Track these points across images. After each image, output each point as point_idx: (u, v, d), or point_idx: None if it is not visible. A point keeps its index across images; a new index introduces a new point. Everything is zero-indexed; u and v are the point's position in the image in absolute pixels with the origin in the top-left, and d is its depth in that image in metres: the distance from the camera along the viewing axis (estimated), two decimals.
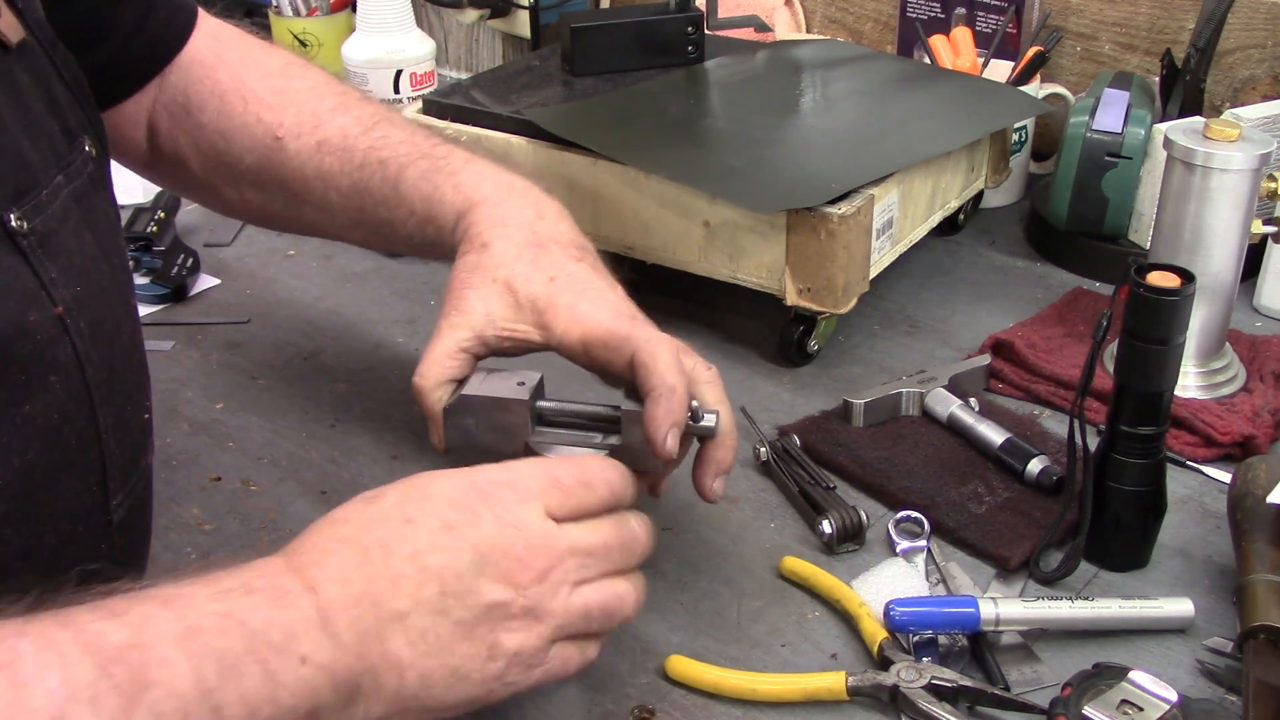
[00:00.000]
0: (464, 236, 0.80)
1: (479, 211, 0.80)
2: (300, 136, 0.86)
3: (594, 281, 0.78)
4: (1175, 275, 0.75)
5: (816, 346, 1.01)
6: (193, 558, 0.81)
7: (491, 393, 0.75)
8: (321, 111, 0.87)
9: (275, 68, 0.89)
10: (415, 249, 0.87)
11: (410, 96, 1.27)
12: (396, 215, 0.84)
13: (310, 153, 0.86)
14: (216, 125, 0.87)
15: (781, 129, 1.08)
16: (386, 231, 0.86)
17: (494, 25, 1.59)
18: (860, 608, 0.74)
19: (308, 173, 0.86)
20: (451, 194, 0.82)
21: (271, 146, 0.86)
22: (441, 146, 0.86)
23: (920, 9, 1.37)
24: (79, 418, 0.63)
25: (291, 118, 0.87)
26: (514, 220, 0.80)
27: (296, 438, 0.93)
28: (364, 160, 0.85)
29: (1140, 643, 0.74)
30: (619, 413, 0.74)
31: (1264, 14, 1.20)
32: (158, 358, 1.03)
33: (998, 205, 1.30)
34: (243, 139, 0.87)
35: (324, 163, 0.86)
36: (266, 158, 0.87)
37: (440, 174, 0.83)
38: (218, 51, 0.88)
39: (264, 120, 0.86)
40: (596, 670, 0.72)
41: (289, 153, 0.86)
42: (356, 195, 0.85)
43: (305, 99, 0.88)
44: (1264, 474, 0.78)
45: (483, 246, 0.78)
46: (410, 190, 0.83)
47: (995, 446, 0.88)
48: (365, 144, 0.86)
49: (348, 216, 0.87)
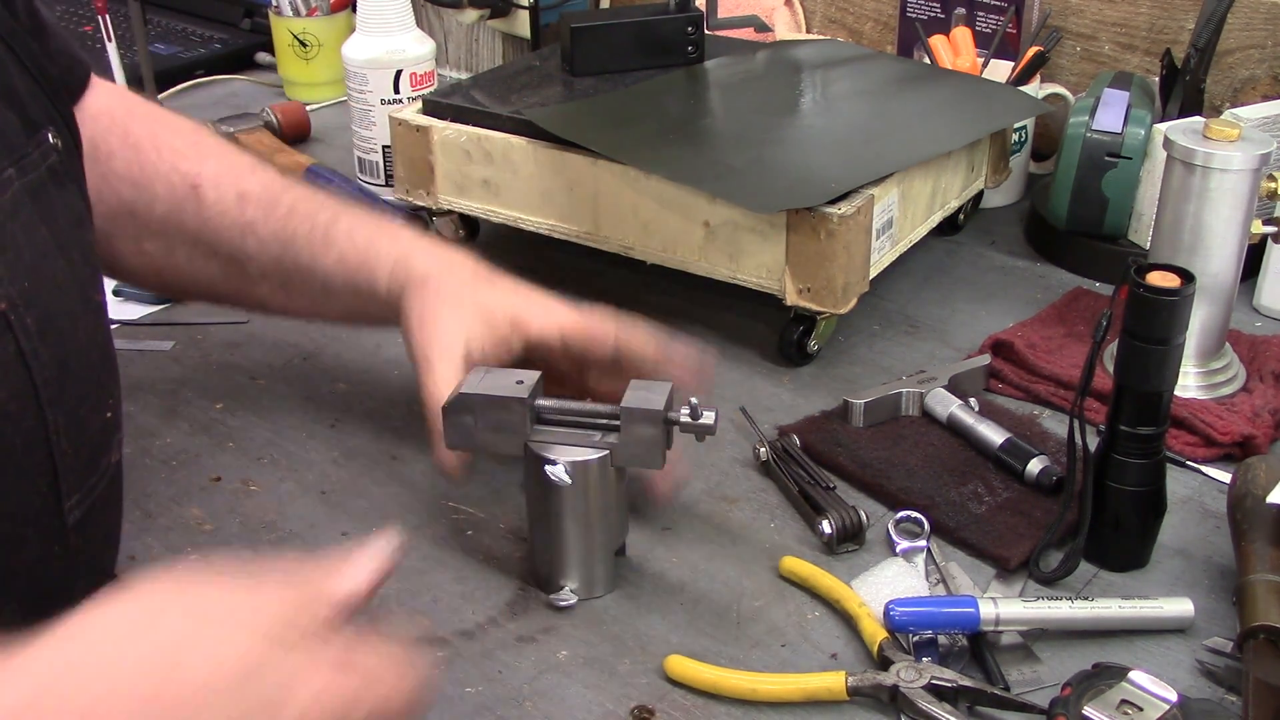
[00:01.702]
0: (407, 283, 0.82)
1: (417, 257, 0.83)
2: (220, 186, 0.86)
3: (553, 297, 0.83)
4: (1175, 275, 0.75)
5: (816, 346, 1.01)
6: (192, 558, 0.81)
7: (490, 391, 0.75)
8: (241, 166, 0.88)
9: (187, 126, 0.90)
10: (329, 300, 0.87)
11: (410, 96, 1.27)
12: (323, 262, 0.85)
13: (230, 202, 0.86)
14: (127, 174, 0.86)
15: (781, 129, 1.08)
16: (301, 280, 0.87)
17: (494, 25, 1.59)
18: (860, 608, 0.74)
19: (225, 222, 0.86)
20: (388, 243, 0.84)
21: (187, 195, 0.86)
22: (373, 208, 0.88)
23: (920, 9, 1.37)
24: (24, 417, 0.62)
25: (210, 168, 0.87)
26: (456, 265, 0.84)
27: (296, 438, 0.94)
28: (291, 209, 0.86)
29: (1140, 643, 0.74)
30: (618, 410, 0.74)
31: (1264, 14, 1.20)
32: (158, 358, 1.03)
33: (998, 205, 1.30)
34: (156, 187, 0.86)
35: (245, 212, 0.86)
36: (180, 207, 0.86)
37: (375, 225, 0.85)
38: (128, 107, 0.88)
39: (180, 169, 0.86)
40: (596, 670, 0.72)
41: (207, 202, 0.86)
42: (278, 243, 0.86)
43: (223, 154, 0.89)
44: (1264, 474, 0.78)
45: (436, 286, 0.81)
46: (343, 237, 0.85)
47: (995, 446, 0.88)
48: (290, 197, 0.87)
49: (261, 266, 0.87)
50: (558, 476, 0.73)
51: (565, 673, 0.72)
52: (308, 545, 0.82)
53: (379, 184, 1.30)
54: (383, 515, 0.85)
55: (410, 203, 1.17)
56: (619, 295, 1.12)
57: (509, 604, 0.78)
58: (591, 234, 1.08)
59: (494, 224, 1.14)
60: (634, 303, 1.11)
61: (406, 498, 0.87)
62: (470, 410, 0.75)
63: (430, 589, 0.79)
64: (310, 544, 0.82)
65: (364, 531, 0.84)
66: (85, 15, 1.84)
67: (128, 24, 1.59)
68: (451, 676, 0.72)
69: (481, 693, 0.71)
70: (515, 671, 0.72)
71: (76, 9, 1.88)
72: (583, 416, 0.76)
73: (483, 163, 1.11)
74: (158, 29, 1.79)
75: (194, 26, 1.81)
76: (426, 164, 1.13)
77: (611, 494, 0.76)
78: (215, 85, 1.66)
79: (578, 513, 0.75)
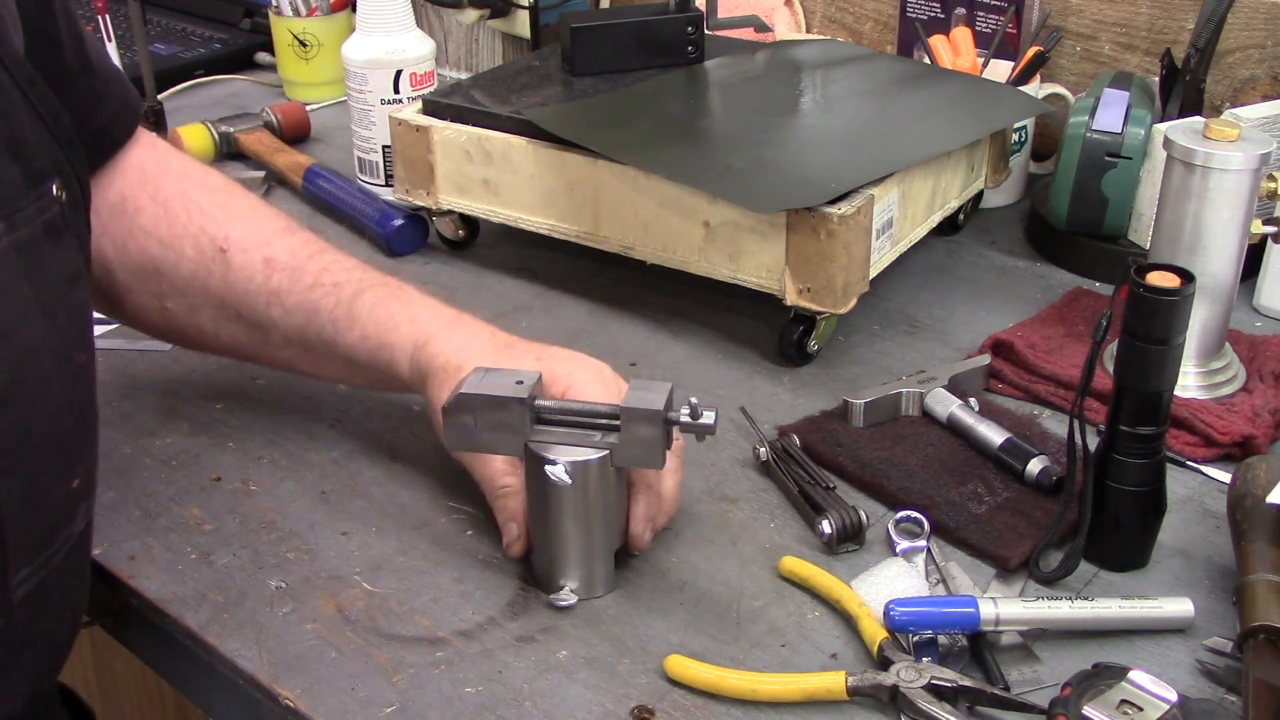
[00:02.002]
0: (429, 372, 0.82)
1: (437, 343, 0.83)
2: (247, 251, 0.86)
3: (572, 354, 0.83)
4: (1175, 275, 0.75)
5: (816, 346, 1.01)
6: (192, 558, 0.81)
7: (490, 391, 0.75)
8: (269, 231, 0.88)
9: (218, 184, 0.90)
10: (352, 371, 0.88)
11: (410, 97, 1.27)
12: (347, 337, 0.85)
13: (256, 268, 0.86)
14: (155, 231, 0.86)
15: (781, 129, 1.08)
16: (325, 351, 0.87)
17: (494, 25, 1.59)
18: (860, 608, 0.74)
19: (251, 287, 0.86)
20: (408, 325, 0.84)
21: (214, 258, 0.86)
22: (392, 278, 0.88)
23: (920, 9, 1.37)
24: None
25: (238, 232, 0.87)
26: (474, 341, 0.83)
27: (296, 438, 0.94)
28: (316, 280, 0.86)
29: (1140, 643, 0.74)
30: (618, 410, 0.74)
31: (1264, 14, 1.20)
32: (158, 358, 1.03)
33: (998, 205, 1.30)
34: (184, 247, 0.86)
35: (271, 279, 0.86)
36: (207, 269, 0.86)
37: (397, 302, 0.85)
38: (159, 162, 0.88)
39: (208, 231, 0.86)
40: (596, 670, 0.72)
41: (234, 266, 0.86)
42: (302, 313, 0.86)
43: (251, 216, 0.89)
44: (1264, 474, 0.78)
45: (456, 368, 0.81)
46: (365, 315, 0.85)
47: (995, 446, 0.88)
48: (317, 266, 0.87)
49: (285, 334, 0.87)
50: (558, 476, 0.73)
51: (565, 673, 0.72)
52: (308, 545, 0.82)
53: (379, 184, 1.30)
54: (383, 515, 0.85)
55: (410, 203, 1.17)
56: (619, 295, 1.12)
57: (509, 604, 0.78)
58: (591, 234, 1.08)
59: (494, 224, 1.14)
60: (634, 303, 1.11)
61: (406, 498, 0.87)
62: (470, 410, 0.75)
63: (430, 589, 0.79)
64: (310, 544, 0.82)
65: (364, 531, 0.84)
66: (85, 15, 1.84)
67: (128, 24, 1.60)
68: (451, 676, 0.72)
69: (481, 693, 0.71)
70: (515, 671, 0.72)
71: (76, 8, 1.88)
72: (583, 416, 0.76)
73: (483, 163, 1.11)
74: (158, 29, 1.79)
75: (194, 26, 1.81)
76: (426, 164, 1.13)
77: (612, 494, 0.76)
78: (215, 85, 1.66)
79: (578, 513, 0.75)
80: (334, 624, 0.76)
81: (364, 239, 1.24)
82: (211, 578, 0.80)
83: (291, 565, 0.81)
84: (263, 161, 1.38)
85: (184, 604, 0.78)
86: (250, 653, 0.74)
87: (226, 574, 0.80)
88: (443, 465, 0.89)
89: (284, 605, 0.77)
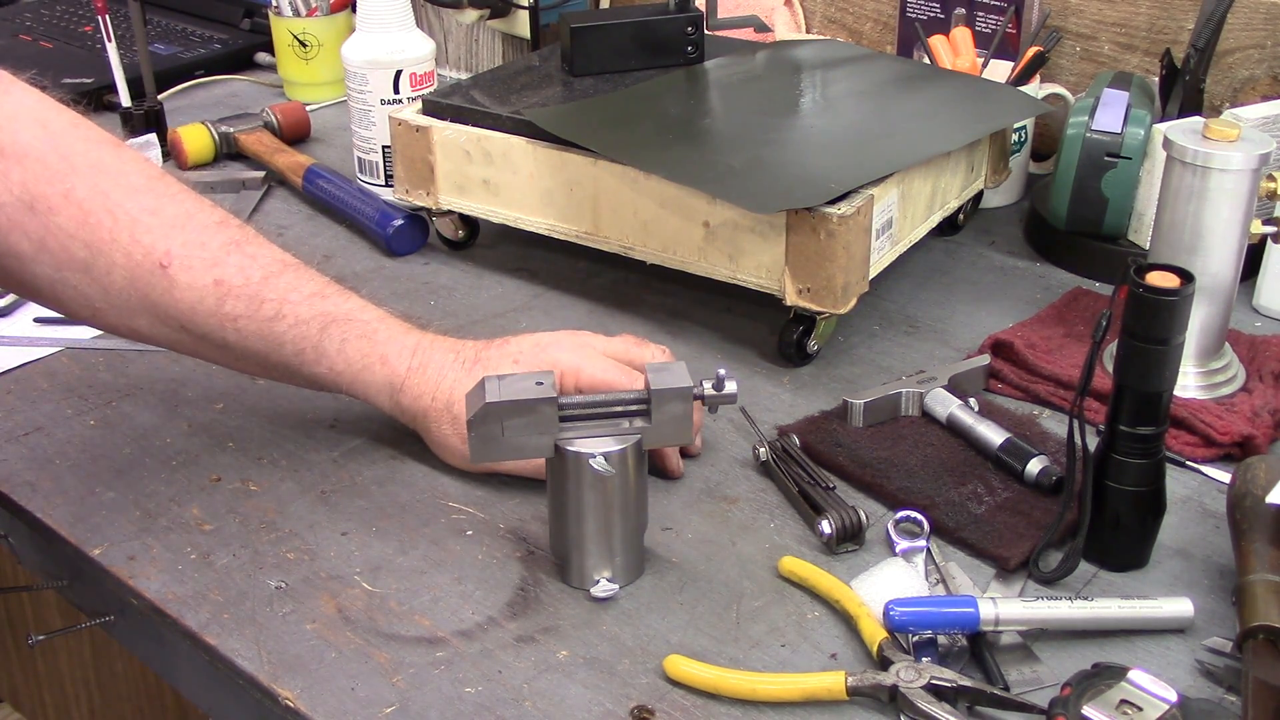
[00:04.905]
0: (415, 409, 0.86)
1: (414, 385, 0.86)
2: (192, 270, 0.81)
3: (541, 341, 0.86)
4: (1175, 275, 0.75)
5: (816, 346, 1.01)
6: (192, 558, 0.81)
7: (515, 396, 0.74)
8: (214, 246, 0.83)
9: (140, 183, 0.82)
10: (320, 389, 0.89)
11: (410, 97, 1.27)
12: (313, 370, 0.86)
13: (206, 289, 0.82)
14: (79, 235, 0.79)
15: (781, 129, 1.08)
16: (287, 373, 0.88)
17: (494, 25, 1.59)
18: (860, 608, 0.74)
19: (201, 309, 0.82)
20: (380, 366, 0.86)
21: (153, 272, 0.81)
22: (351, 300, 0.88)
23: (920, 9, 1.37)
24: None
25: (179, 247, 0.81)
26: (446, 371, 0.86)
27: (296, 438, 0.94)
28: (278, 313, 0.84)
29: (1140, 643, 0.74)
30: (646, 394, 0.75)
31: (1264, 14, 1.20)
32: (158, 357, 1.03)
33: (997, 205, 1.30)
34: (114, 255, 0.80)
35: (225, 304, 0.82)
36: (147, 284, 0.81)
37: (366, 341, 0.86)
38: (61, 152, 0.79)
39: (142, 243, 0.80)
40: (596, 670, 0.72)
41: (179, 284, 0.81)
42: (263, 342, 0.85)
43: (189, 225, 0.83)
44: (1263, 474, 0.78)
45: (446, 404, 0.85)
46: (334, 352, 0.86)
47: (995, 446, 0.88)
48: (275, 294, 0.84)
49: (243, 353, 0.86)
50: (602, 468, 0.74)
51: (565, 673, 0.72)
52: (307, 545, 0.82)
53: (379, 184, 1.30)
54: (383, 515, 0.85)
55: (410, 203, 1.17)
56: (619, 295, 1.12)
57: (509, 604, 0.78)
58: (591, 234, 1.08)
59: (494, 224, 1.14)
60: (634, 303, 1.11)
61: (406, 498, 0.87)
62: (498, 419, 0.74)
63: (430, 589, 0.79)
64: (310, 544, 0.82)
65: (364, 531, 0.84)
66: (85, 15, 1.84)
67: (128, 24, 1.60)
68: (451, 676, 0.72)
69: (481, 693, 0.71)
70: (515, 671, 0.72)
71: (76, 9, 1.88)
72: (607, 406, 0.76)
73: (482, 163, 1.11)
74: (158, 29, 1.79)
75: (194, 26, 1.81)
76: (426, 164, 1.13)
77: (643, 478, 0.77)
78: (215, 85, 1.66)
79: (615, 502, 0.76)
80: (334, 624, 0.76)
81: (364, 239, 1.24)
82: (211, 578, 0.80)
83: (291, 565, 0.81)
84: (263, 162, 1.38)
85: (184, 604, 0.78)
86: (250, 653, 0.74)
87: (226, 574, 0.80)
88: (443, 465, 0.89)
89: (284, 605, 0.77)
